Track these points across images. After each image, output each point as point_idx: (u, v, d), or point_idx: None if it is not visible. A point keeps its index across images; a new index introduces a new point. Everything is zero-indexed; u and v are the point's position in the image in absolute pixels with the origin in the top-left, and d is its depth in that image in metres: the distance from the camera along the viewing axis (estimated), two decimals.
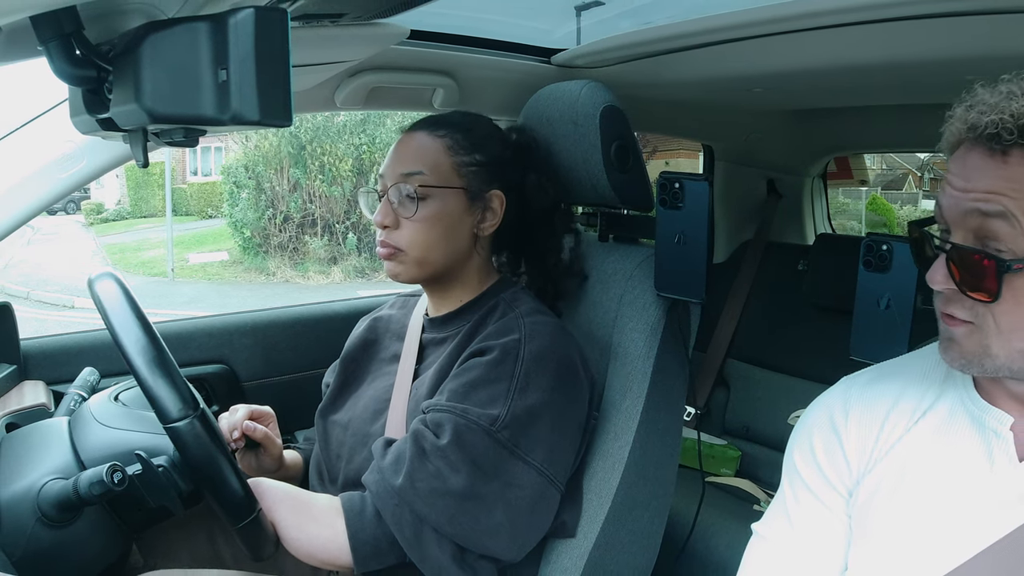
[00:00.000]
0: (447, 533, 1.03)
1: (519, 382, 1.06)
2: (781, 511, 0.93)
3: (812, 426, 0.90)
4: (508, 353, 1.07)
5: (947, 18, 1.11)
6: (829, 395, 0.92)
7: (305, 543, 1.05)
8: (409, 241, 1.14)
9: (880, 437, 0.85)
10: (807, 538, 0.90)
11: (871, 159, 11.03)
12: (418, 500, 1.02)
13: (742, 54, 1.42)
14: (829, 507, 0.88)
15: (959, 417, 0.81)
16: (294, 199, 12.01)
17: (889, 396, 0.86)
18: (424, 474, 1.02)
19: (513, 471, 1.04)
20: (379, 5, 1.17)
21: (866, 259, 1.13)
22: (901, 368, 0.89)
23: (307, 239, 12.09)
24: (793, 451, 0.92)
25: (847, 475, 0.87)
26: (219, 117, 0.62)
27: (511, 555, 1.07)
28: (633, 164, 1.29)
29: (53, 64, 0.67)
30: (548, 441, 1.07)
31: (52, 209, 6.06)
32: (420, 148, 1.16)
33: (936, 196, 0.75)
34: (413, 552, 1.03)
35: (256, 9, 0.62)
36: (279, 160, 11.98)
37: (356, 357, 1.32)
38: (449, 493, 1.02)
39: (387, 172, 1.17)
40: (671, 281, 1.22)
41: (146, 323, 0.96)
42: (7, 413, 1.28)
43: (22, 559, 0.90)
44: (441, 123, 1.19)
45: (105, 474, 0.91)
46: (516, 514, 1.04)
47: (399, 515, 1.03)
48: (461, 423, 1.03)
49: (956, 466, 0.79)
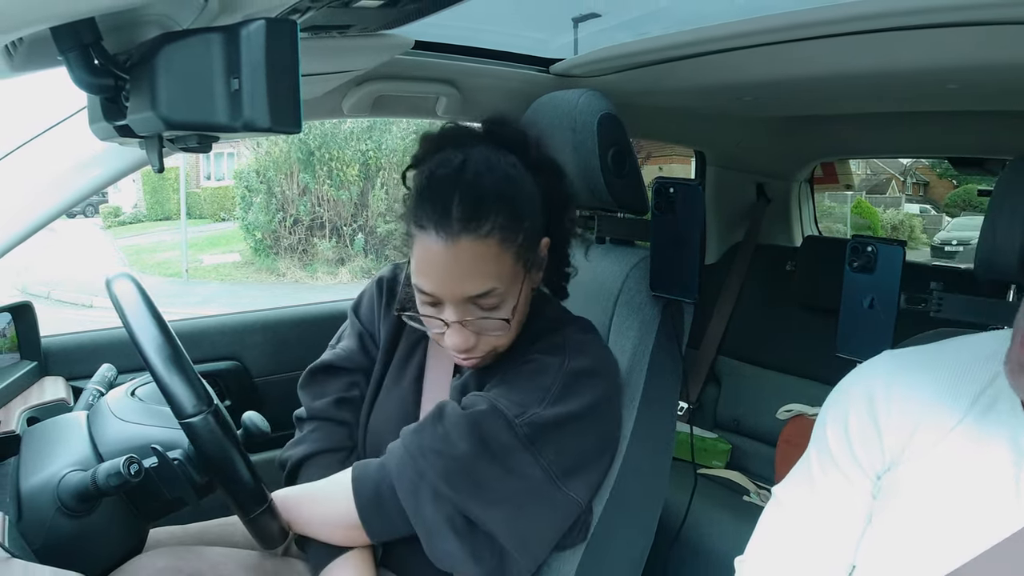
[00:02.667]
0: (443, 493, 0.98)
1: (555, 393, 1.01)
2: (805, 480, 0.87)
3: (850, 402, 0.84)
4: (550, 366, 1.03)
5: (930, 30, 1.11)
6: (872, 370, 0.84)
7: (320, 507, 1.05)
8: (496, 342, 1.04)
9: (917, 432, 0.79)
10: (827, 512, 0.84)
11: (856, 164, 11.04)
12: (420, 456, 0.99)
13: (733, 64, 1.42)
14: (855, 485, 0.83)
15: (998, 432, 0.75)
16: (303, 203, 12.01)
17: (932, 392, 0.79)
18: (432, 434, 1.00)
19: (519, 463, 0.99)
20: (384, 17, 1.17)
21: (851, 260, 1.13)
22: (951, 358, 0.82)
23: (316, 241, 12.09)
24: (827, 424, 0.85)
25: (879, 460, 0.81)
26: (231, 124, 0.62)
27: (511, 539, 1.00)
28: (629, 169, 1.29)
29: (72, 73, 0.66)
30: (567, 450, 1.02)
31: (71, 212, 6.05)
32: (476, 261, 0.97)
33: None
34: (408, 503, 0.99)
35: (267, 21, 0.62)
36: (289, 165, 11.97)
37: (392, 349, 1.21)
38: (450, 456, 0.98)
39: (446, 294, 0.98)
40: (665, 281, 1.22)
41: (162, 322, 0.96)
42: (29, 407, 1.28)
43: (42, 548, 0.90)
44: (480, 213, 0.95)
45: (122, 466, 0.91)
46: (513, 502, 1.00)
47: (402, 467, 1.00)
48: (487, 406, 1.00)
49: (983, 481, 0.74)
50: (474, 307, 1.00)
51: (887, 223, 13.43)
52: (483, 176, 0.98)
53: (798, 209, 2.48)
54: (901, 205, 15.26)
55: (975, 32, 1.08)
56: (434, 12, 1.18)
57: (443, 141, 1.05)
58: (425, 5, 1.14)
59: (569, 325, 1.11)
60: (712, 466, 2.00)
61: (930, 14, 1.09)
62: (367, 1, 1.04)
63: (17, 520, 0.91)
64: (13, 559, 0.80)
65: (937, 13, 1.08)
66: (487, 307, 1.00)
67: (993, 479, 0.74)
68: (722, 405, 2.19)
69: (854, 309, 1.13)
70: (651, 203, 1.24)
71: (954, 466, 0.76)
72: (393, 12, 1.14)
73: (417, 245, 0.99)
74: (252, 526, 1.02)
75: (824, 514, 0.84)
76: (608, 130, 1.26)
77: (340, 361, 1.23)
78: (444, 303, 1.00)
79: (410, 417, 1.14)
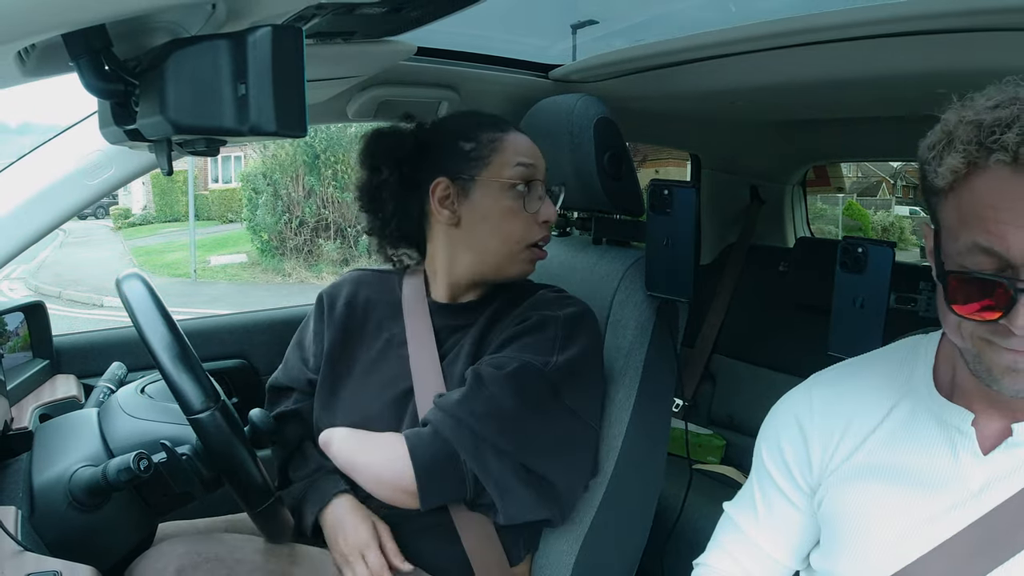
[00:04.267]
0: (504, 449, 1.04)
1: (561, 340, 1.10)
2: (749, 499, 0.94)
3: (779, 425, 0.90)
4: (547, 319, 1.12)
5: (920, 36, 1.11)
6: (796, 394, 0.91)
7: (375, 466, 1.07)
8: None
9: (845, 438, 0.84)
10: (771, 530, 0.92)
11: (847, 167, 11.04)
12: (475, 421, 1.04)
13: (727, 70, 1.42)
14: (794, 503, 0.89)
15: (922, 416, 0.80)
16: (309, 205, 12.01)
17: (854, 397, 0.85)
18: (480, 399, 1.05)
19: (555, 409, 1.08)
20: (388, 24, 1.17)
21: (843, 261, 1.13)
22: (866, 368, 0.88)
23: (321, 242, 12.09)
24: (762, 448, 0.92)
25: (809, 474, 0.87)
26: (238, 128, 0.62)
27: (564, 479, 1.09)
28: (625, 172, 1.29)
29: (84, 79, 0.66)
30: (582, 387, 1.12)
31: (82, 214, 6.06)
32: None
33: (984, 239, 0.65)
34: (478, 467, 1.04)
35: (273, 28, 0.62)
36: (295, 168, 11.97)
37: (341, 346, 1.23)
38: (501, 414, 1.04)
39: (541, 172, 1.18)
40: (661, 281, 1.22)
41: (170, 321, 0.96)
42: (41, 404, 1.28)
43: (54, 541, 0.90)
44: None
45: (132, 461, 0.91)
46: (559, 442, 1.09)
47: (459, 434, 1.04)
48: (519, 364, 1.07)
49: (921, 463, 0.78)
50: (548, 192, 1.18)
51: (877, 225, 13.42)
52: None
53: (791, 211, 2.47)
54: (891, 207, 15.25)
55: (962, 38, 1.08)
56: (436, 19, 1.18)
57: None
58: (427, 12, 1.14)
59: (540, 287, 1.22)
60: (707, 462, 2.00)
61: (917, 21, 1.09)
62: (371, 9, 1.04)
63: (30, 514, 0.91)
64: (26, 552, 0.81)
65: (924, 20, 1.08)
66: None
67: (928, 455, 0.78)
68: (717, 402, 2.19)
69: (845, 308, 1.13)
70: (647, 205, 1.24)
71: (889, 452, 0.81)
72: (396, 19, 1.14)
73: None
74: (259, 519, 1.02)
75: (761, 526, 0.92)
76: (605, 134, 1.26)
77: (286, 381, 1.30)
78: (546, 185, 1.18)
79: (404, 394, 1.15)
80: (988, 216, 0.65)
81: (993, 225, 0.64)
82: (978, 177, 0.66)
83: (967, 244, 0.67)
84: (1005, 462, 0.75)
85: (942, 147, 0.69)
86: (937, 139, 0.70)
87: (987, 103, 0.67)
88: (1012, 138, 0.63)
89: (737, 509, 0.96)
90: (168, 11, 0.66)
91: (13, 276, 11.56)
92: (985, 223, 0.65)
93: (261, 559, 1.04)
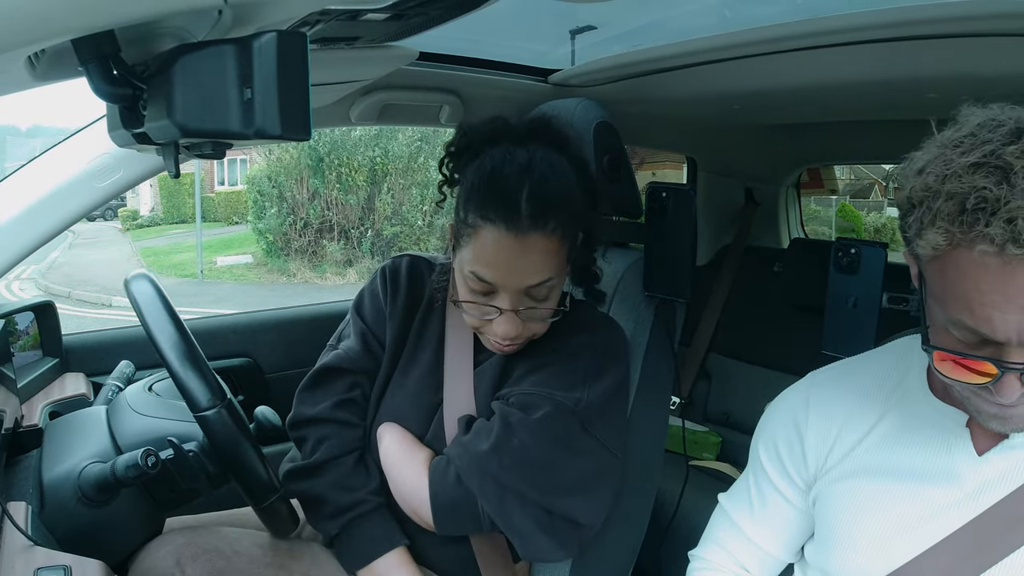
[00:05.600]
0: (530, 497, 1.00)
1: (593, 370, 1.06)
2: (744, 493, 0.94)
3: (776, 423, 0.90)
4: (582, 346, 1.08)
5: (910, 41, 1.11)
6: (793, 392, 0.90)
7: (400, 485, 1.06)
8: (537, 329, 1.06)
9: (841, 437, 0.83)
10: (764, 525, 0.92)
11: (840, 170, 11.03)
12: (503, 471, 1.00)
13: (723, 74, 1.42)
14: (788, 499, 0.89)
15: (918, 417, 0.80)
16: (313, 207, 12.01)
17: (850, 397, 0.84)
18: (509, 449, 1.00)
19: (586, 445, 1.04)
20: (390, 30, 1.17)
21: (836, 261, 1.13)
22: (862, 368, 0.87)
23: (325, 243, 12.09)
24: (758, 444, 0.92)
25: (805, 471, 0.87)
26: (244, 132, 0.62)
27: (589, 516, 1.04)
28: (624, 175, 1.29)
29: (92, 83, 0.66)
30: (609, 419, 1.08)
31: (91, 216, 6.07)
32: (541, 255, 0.99)
33: (970, 319, 0.64)
34: (500, 519, 1.01)
35: (278, 33, 0.62)
36: (299, 171, 11.97)
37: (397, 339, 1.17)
38: (531, 463, 1.00)
39: (507, 284, 0.99)
40: (658, 282, 1.22)
41: (178, 320, 0.96)
42: (51, 402, 1.28)
43: (64, 536, 0.90)
44: (547, 212, 0.96)
45: (140, 458, 0.91)
46: (586, 483, 1.04)
47: (484, 485, 1.01)
48: (551, 406, 1.02)
49: (916, 463, 0.78)
50: (527, 297, 1.02)
51: (870, 226, 13.42)
52: (548, 176, 0.99)
53: (785, 213, 2.47)
54: (883, 209, 15.25)
55: (951, 44, 1.08)
56: (438, 25, 1.18)
57: (495, 135, 1.05)
58: (429, 18, 1.14)
59: (578, 305, 1.13)
60: (703, 458, 2.00)
61: (908, 27, 1.09)
62: (374, 15, 1.04)
63: (40, 510, 0.91)
64: (36, 547, 0.81)
65: (915, 26, 1.08)
66: (539, 297, 1.02)
67: (923, 455, 0.78)
68: (713, 400, 2.19)
69: (839, 308, 1.13)
70: (645, 207, 1.24)
71: (885, 452, 0.80)
72: (398, 25, 1.14)
73: (480, 236, 0.99)
74: (264, 515, 1.02)
75: (756, 521, 0.92)
76: (603, 137, 1.26)
77: (343, 363, 1.18)
78: (499, 292, 1.01)
79: (431, 405, 1.12)
80: (973, 298, 0.63)
81: (978, 308, 0.63)
82: (962, 256, 0.63)
83: (952, 318, 0.65)
84: (1001, 463, 0.74)
85: (922, 213, 0.65)
86: (917, 199, 0.66)
87: (964, 159, 0.63)
88: (997, 230, 0.59)
89: (731, 503, 0.96)
90: (175, 17, 0.66)
91: (24, 276, 11.57)
92: (970, 304, 0.63)
93: (259, 552, 1.04)
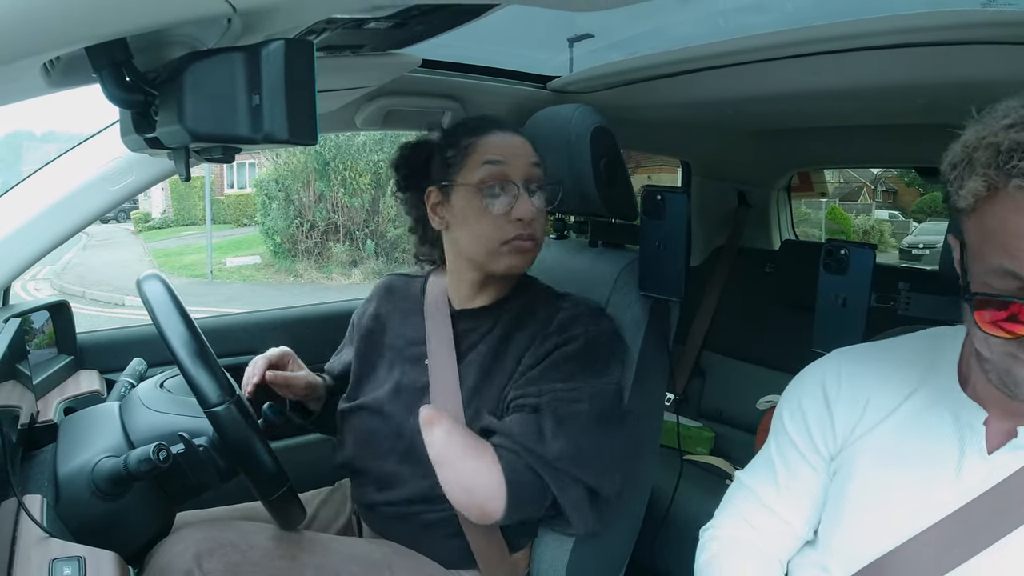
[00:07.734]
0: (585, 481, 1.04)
1: (604, 359, 1.10)
2: (765, 463, 0.91)
3: (804, 391, 0.88)
4: (598, 337, 1.10)
5: (900, 49, 1.11)
6: (823, 363, 0.88)
7: (467, 476, 1.01)
8: (543, 230, 1.11)
9: (865, 414, 0.82)
10: (793, 496, 0.88)
11: (830, 174, 11.03)
12: (560, 460, 1.02)
13: (716, 81, 1.42)
14: (812, 466, 0.86)
15: (938, 407, 0.79)
16: (319, 209, 12.00)
17: (877, 376, 0.83)
18: (570, 441, 1.02)
19: (621, 421, 1.10)
20: (394, 38, 1.17)
21: (826, 262, 1.13)
22: (890, 351, 0.86)
23: (331, 245, 12.08)
24: (784, 412, 0.89)
25: (832, 441, 0.84)
26: (253, 136, 0.62)
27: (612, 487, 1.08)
28: (620, 178, 1.29)
29: (106, 89, 0.66)
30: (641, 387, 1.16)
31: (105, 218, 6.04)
32: (529, 146, 1.13)
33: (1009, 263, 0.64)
34: (563, 497, 1.03)
35: (286, 41, 0.62)
36: (306, 175, 11.97)
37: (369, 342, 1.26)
38: (585, 452, 1.03)
39: (514, 169, 1.09)
40: (653, 282, 1.22)
41: (188, 319, 0.96)
42: (65, 398, 1.28)
43: (78, 528, 0.90)
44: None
45: (152, 452, 0.91)
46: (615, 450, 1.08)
47: (556, 476, 1.02)
48: (599, 395, 1.06)
49: (927, 451, 0.77)
50: (538, 190, 1.10)
51: (859, 228, 13.43)
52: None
53: (776, 215, 2.47)
54: (872, 211, 15.26)
55: (939, 52, 1.08)
56: (440, 33, 1.18)
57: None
58: (431, 27, 1.14)
59: (557, 295, 1.17)
60: (697, 453, 2.00)
61: (898, 35, 1.09)
62: (378, 23, 1.04)
63: (55, 503, 0.91)
64: (51, 538, 0.81)
65: (904, 34, 1.08)
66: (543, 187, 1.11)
67: (937, 446, 0.77)
68: (706, 396, 2.19)
69: (828, 307, 1.13)
70: (640, 209, 1.24)
71: (902, 436, 0.80)
72: (402, 33, 1.14)
73: (480, 145, 1.12)
74: (272, 508, 1.02)
75: (781, 492, 0.88)
76: (600, 142, 1.26)
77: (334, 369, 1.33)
78: (511, 178, 1.09)
79: (420, 389, 1.14)
80: (1011, 242, 0.64)
81: (1016, 250, 0.64)
82: (999, 200, 0.65)
83: (991, 266, 0.66)
84: (1007, 462, 0.74)
85: (963, 168, 0.68)
86: (957, 159, 0.69)
87: (1003, 121, 0.66)
88: None
89: (754, 478, 0.92)
90: (185, 25, 0.66)
91: (39, 276, 11.56)
92: (1008, 248, 0.64)
93: (273, 545, 1.04)
